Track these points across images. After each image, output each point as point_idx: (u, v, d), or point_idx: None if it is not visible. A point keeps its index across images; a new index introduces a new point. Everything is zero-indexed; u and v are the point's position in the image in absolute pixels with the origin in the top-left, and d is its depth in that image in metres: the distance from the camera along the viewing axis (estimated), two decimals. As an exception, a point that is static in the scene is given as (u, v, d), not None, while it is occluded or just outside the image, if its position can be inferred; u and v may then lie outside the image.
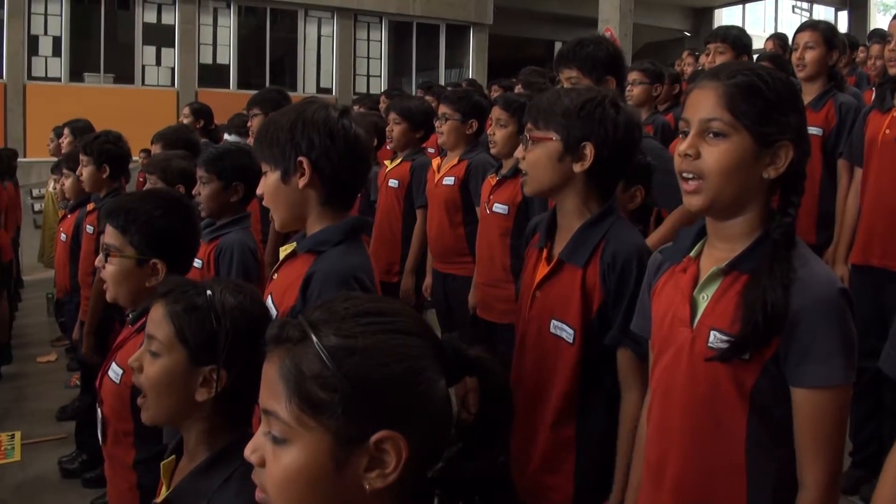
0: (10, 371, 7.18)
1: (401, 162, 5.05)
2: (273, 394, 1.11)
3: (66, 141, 6.44)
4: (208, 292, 1.72)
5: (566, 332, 2.23)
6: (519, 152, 2.34)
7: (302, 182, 2.11)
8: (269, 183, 2.16)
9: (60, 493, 4.78)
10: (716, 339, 1.69)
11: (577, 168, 2.22)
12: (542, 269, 2.33)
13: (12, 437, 5.60)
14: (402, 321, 1.14)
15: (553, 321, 2.27)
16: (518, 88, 6.50)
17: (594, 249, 2.22)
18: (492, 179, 4.04)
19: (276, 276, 2.28)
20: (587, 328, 2.21)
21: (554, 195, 2.32)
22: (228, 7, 16.90)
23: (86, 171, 4.62)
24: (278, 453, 1.10)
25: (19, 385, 6.88)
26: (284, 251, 2.27)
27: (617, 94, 2.35)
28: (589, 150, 2.20)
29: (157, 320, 1.74)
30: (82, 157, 4.67)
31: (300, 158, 2.10)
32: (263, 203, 2.23)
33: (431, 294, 4.74)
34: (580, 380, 2.24)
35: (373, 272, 2.20)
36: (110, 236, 2.35)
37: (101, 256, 2.38)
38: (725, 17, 25.25)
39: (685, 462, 1.77)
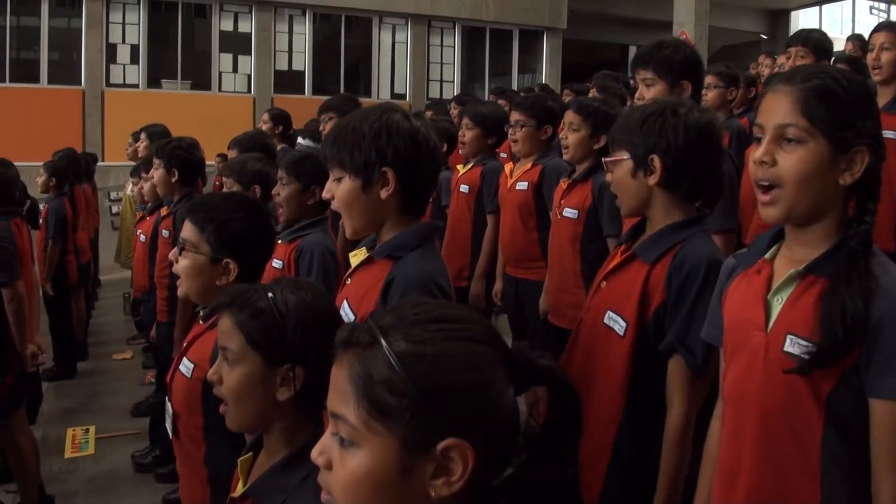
0: (85, 367, 7.39)
1: (472, 167, 5.05)
2: (342, 397, 1.11)
3: (142, 145, 6.57)
4: (269, 294, 1.75)
5: (618, 325, 2.22)
6: (609, 177, 2.38)
7: (385, 193, 2.10)
8: (345, 190, 2.14)
9: (133, 486, 4.90)
10: (792, 343, 1.65)
11: (651, 181, 2.24)
12: (616, 261, 2.34)
13: (87, 431, 5.77)
14: (471, 328, 1.13)
15: (608, 312, 2.26)
16: (592, 92, 6.45)
17: (668, 250, 2.21)
18: (563, 184, 4.02)
19: (349, 281, 2.28)
20: (641, 326, 2.20)
21: (644, 213, 2.33)
22: (304, 14, 17.09)
23: (157, 175, 4.74)
24: (345, 457, 1.10)
25: (95, 381, 7.07)
26: (355, 257, 2.27)
27: (680, 102, 2.35)
28: (657, 162, 2.22)
29: (227, 331, 1.77)
30: (154, 161, 4.78)
31: (385, 169, 2.09)
32: (333, 208, 2.22)
33: (503, 299, 4.72)
34: (628, 380, 2.22)
35: (448, 276, 2.20)
36: (188, 232, 2.39)
37: (175, 250, 2.42)
38: (802, 18, 24.69)
39: (758, 471, 1.73)
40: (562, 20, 18.93)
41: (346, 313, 2.16)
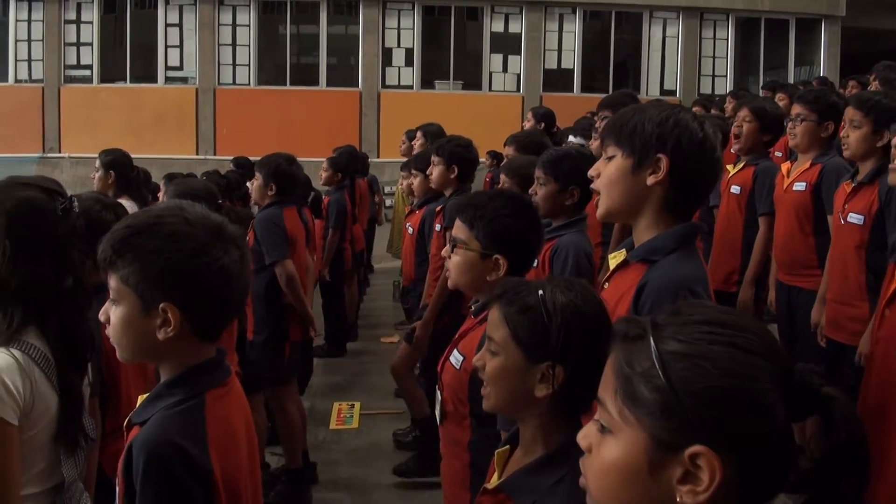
0: (355, 347, 7.88)
1: (744, 166, 4.84)
2: (606, 384, 1.13)
3: (418, 143, 6.86)
4: (540, 292, 1.77)
5: None
6: None
7: (652, 179, 2.01)
8: (614, 167, 2.07)
9: (392, 462, 5.13)
10: None
11: None
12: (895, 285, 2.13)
13: (352, 406, 6.16)
14: (744, 337, 1.08)
15: None
16: (874, 85, 6.03)
17: None
18: (846, 186, 3.78)
19: (607, 285, 2.21)
20: None
21: None
22: (574, 12, 17.12)
23: (436, 171, 4.95)
24: (601, 443, 1.12)
25: (363, 361, 7.52)
26: (614, 259, 2.21)
27: None
28: None
29: (495, 322, 1.82)
30: (434, 158, 4.99)
31: (660, 155, 2.00)
32: (596, 185, 2.13)
33: (775, 308, 4.50)
34: None
35: (707, 281, 2.09)
36: (458, 230, 2.50)
37: (447, 247, 2.54)
38: None
39: None
40: (840, 7, 17.71)
41: None
